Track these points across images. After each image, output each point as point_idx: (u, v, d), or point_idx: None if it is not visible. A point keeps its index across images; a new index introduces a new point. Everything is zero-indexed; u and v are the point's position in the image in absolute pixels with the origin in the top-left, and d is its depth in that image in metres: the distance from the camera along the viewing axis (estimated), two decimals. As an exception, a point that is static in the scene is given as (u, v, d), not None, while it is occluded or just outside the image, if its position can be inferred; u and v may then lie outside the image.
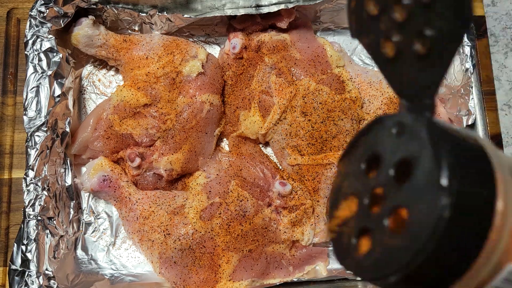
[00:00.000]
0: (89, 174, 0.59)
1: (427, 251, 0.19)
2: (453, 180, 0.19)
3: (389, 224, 0.21)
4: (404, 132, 0.22)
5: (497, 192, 0.20)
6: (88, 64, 0.66)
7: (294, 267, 0.60)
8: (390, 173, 0.22)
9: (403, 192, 0.21)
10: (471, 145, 0.21)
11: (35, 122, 0.57)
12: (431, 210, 0.19)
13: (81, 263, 0.61)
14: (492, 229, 0.20)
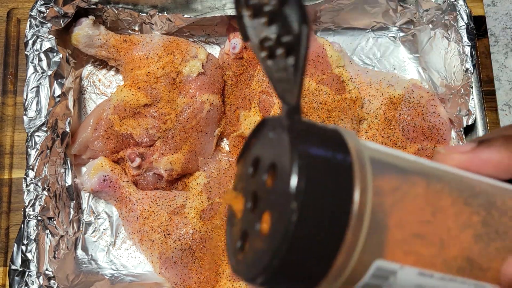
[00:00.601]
0: (89, 174, 0.59)
1: (282, 253, 0.19)
2: (301, 184, 0.19)
3: (260, 228, 0.21)
4: (276, 135, 0.22)
5: (354, 189, 0.20)
6: (88, 64, 0.66)
7: None
8: (263, 177, 0.22)
9: (270, 197, 0.21)
10: (331, 143, 0.21)
11: (35, 122, 0.57)
12: (283, 214, 0.20)
13: (81, 263, 0.61)
14: (349, 227, 0.20)
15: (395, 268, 0.21)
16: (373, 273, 0.21)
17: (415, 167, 0.23)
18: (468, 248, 0.22)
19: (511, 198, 0.24)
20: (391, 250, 0.21)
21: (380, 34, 0.69)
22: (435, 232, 0.22)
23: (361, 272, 0.21)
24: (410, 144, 0.60)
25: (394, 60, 0.68)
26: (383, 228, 0.21)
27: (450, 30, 0.62)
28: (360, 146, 0.22)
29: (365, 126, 0.62)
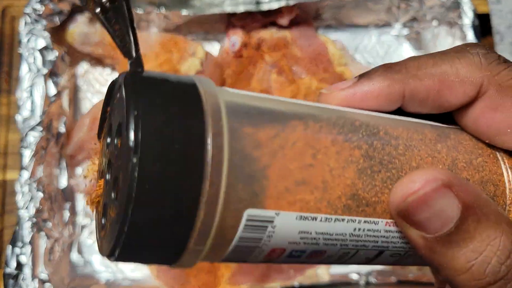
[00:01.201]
0: (85, 175, 0.58)
1: (128, 217, 0.17)
2: (139, 136, 0.17)
3: (114, 196, 0.19)
4: (120, 95, 0.20)
5: (206, 140, 0.18)
6: (84, 63, 0.65)
7: (295, 271, 0.59)
8: (114, 142, 0.20)
9: (118, 161, 0.19)
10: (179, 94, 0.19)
11: (30, 122, 0.56)
12: (127, 172, 0.18)
13: (77, 266, 0.60)
14: (205, 181, 0.18)
15: (270, 215, 0.19)
16: (245, 225, 0.19)
17: (290, 110, 0.21)
18: (352, 185, 0.21)
19: (395, 127, 0.23)
20: (271, 199, 0.19)
21: (383, 32, 0.68)
22: (318, 175, 0.20)
23: (232, 227, 0.19)
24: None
25: (398, 58, 0.67)
26: (258, 179, 0.19)
27: (454, 28, 0.62)
28: (216, 92, 0.20)
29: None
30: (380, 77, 0.24)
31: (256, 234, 0.20)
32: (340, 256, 0.22)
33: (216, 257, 0.21)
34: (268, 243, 0.20)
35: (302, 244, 0.21)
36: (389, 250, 0.23)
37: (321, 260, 0.23)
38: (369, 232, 0.22)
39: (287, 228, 0.20)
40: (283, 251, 0.21)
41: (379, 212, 0.21)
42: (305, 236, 0.20)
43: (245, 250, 0.20)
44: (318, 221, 0.20)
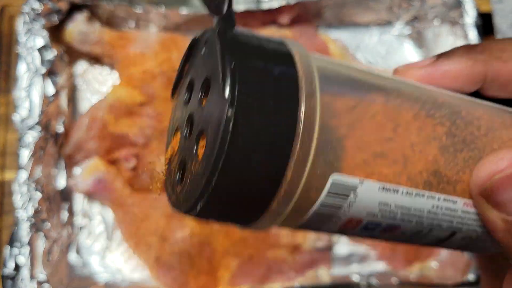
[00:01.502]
0: (84, 176, 0.58)
1: (219, 171, 0.17)
2: (238, 90, 0.17)
3: (197, 152, 0.19)
4: (208, 49, 0.20)
5: (300, 100, 0.18)
6: (83, 62, 0.65)
7: (295, 272, 0.59)
8: (198, 95, 0.20)
9: (204, 115, 0.19)
10: (273, 52, 0.19)
11: (28, 121, 0.56)
12: (219, 126, 0.17)
13: (75, 267, 0.60)
14: (296, 140, 0.18)
15: (354, 183, 0.20)
16: (329, 190, 0.19)
17: (373, 82, 0.21)
18: (434, 162, 0.21)
19: (476, 108, 0.23)
20: (350, 168, 0.19)
21: (384, 31, 0.68)
22: (398, 149, 0.20)
23: (316, 191, 0.19)
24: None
25: (399, 57, 0.68)
26: (339, 148, 0.19)
27: (456, 27, 0.62)
28: (309, 57, 0.20)
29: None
30: (461, 57, 0.24)
31: (338, 201, 0.20)
32: (412, 234, 0.22)
33: (293, 222, 0.21)
34: (347, 212, 0.20)
35: (379, 216, 0.21)
36: (461, 233, 0.22)
37: (393, 236, 0.22)
38: (446, 211, 0.21)
39: (368, 198, 0.20)
40: (359, 222, 0.21)
41: (459, 192, 0.21)
42: (384, 209, 0.20)
43: (323, 218, 0.20)
44: (399, 194, 0.20)
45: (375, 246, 0.60)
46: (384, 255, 0.60)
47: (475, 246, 0.24)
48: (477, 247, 0.24)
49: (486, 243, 0.23)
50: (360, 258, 0.61)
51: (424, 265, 0.61)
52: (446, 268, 0.60)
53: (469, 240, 0.23)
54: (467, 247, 0.24)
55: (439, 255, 0.61)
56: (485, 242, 0.23)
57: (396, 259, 0.60)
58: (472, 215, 0.22)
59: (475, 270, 0.57)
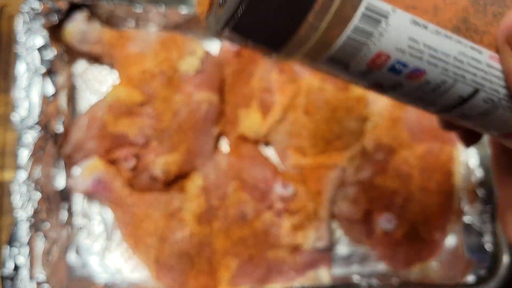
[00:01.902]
0: (83, 176, 0.58)
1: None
2: None
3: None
4: None
5: None
6: (82, 61, 0.65)
7: (295, 272, 0.59)
8: None
9: None
10: None
11: (27, 121, 0.56)
12: None
13: (74, 267, 0.59)
14: None
15: (387, 9, 0.20)
16: (363, 13, 0.20)
17: None
18: (464, 10, 0.22)
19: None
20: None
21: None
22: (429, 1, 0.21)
23: (349, 11, 0.20)
24: (416, 144, 0.60)
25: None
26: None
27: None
28: None
29: (370, 126, 0.62)
30: None
31: (369, 27, 0.21)
32: (436, 85, 0.22)
33: (322, 51, 0.21)
34: (377, 43, 0.21)
35: (407, 55, 0.21)
36: (484, 91, 0.23)
37: (417, 87, 0.23)
38: (472, 61, 0.22)
39: (399, 30, 0.21)
40: (387, 59, 0.21)
41: (486, 43, 0.22)
42: (413, 46, 0.21)
43: (353, 49, 0.21)
44: (428, 31, 0.21)
45: (375, 247, 0.61)
46: (384, 255, 0.60)
47: (494, 118, 0.24)
48: (496, 121, 0.24)
49: (506, 113, 0.24)
50: (361, 258, 0.62)
51: (424, 266, 0.61)
52: (446, 269, 0.60)
53: (492, 104, 0.23)
54: (489, 115, 0.24)
55: (440, 256, 0.61)
56: (506, 111, 0.24)
57: (397, 259, 0.60)
58: (496, 72, 0.23)
59: (475, 271, 0.58)
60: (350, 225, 0.61)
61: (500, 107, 0.24)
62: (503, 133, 0.26)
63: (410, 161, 0.59)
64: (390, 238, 0.59)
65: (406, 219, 0.59)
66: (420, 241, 0.60)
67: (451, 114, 0.25)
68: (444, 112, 0.25)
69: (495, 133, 0.26)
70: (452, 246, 0.61)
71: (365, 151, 0.60)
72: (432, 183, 0.59)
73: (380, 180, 0.59)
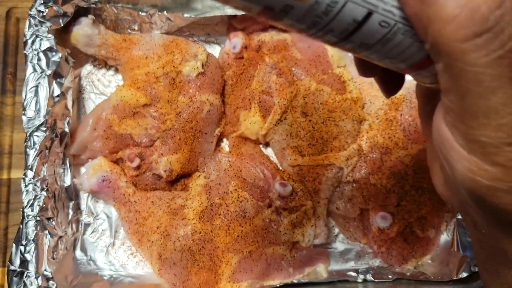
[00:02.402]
0: (88, 175, 0.59)
1: None
2: None
3: None
4: None
5: None
6: (88, 64, 0.66)
7: (294, 269, 0.59)
8: None
9: None
10: None
11: (34, 122, 0.56)
12: None
13: (80, 264, 0.60)
14: None
15: None
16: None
17: None
18: None
19: None
20: None
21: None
22: None
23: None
24: (411, 145, 0.60)
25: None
26: None
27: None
28: None
29: (366, 127, 0.61)
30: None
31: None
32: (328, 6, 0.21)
33: None
34: None
35: None
36: (378, 14, 0.21)
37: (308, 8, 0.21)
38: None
39: None
40: None
41: None
42: None
43: None
44: None
45: (371, 244, 0.61)
46: (380, 252, 0.60)
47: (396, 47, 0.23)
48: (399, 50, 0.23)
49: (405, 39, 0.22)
50: (357, 255, 0.62)
51: (419, 262, 0.61)
52: (440, 265, 0.60)
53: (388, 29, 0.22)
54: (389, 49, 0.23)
55: (434, 253, 0.61)
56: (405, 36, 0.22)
57: (392, 256, 0.60)
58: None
59: (468, 267, 0.58)
60: (347, 223, 0.62)
61: (398, 31, 0.22)
62: (409, 64, 0.24)
63: (405, 161, 0.59)
64: (385, 235, 0.59)
65: (401, 217, 0.59)
66: (415, 239, 0.60)
67: (352, 44, 0.23)
68: (344, 42, 0.23)
69: (403, 66, 0.24)
70: (446, 243, 0.62)
71: (361, 151, 0.60)
72: (426, 182, 0.59)
73: (376, 179, 0.59)
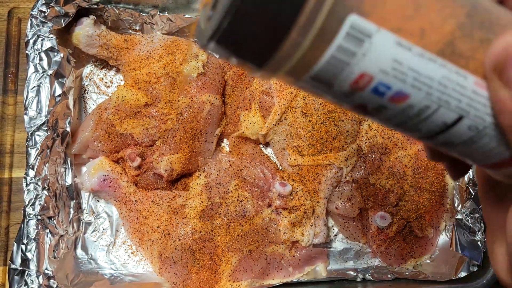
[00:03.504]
0: (89, 174, 0.59)
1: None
2: None
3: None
4: None
5: None
6: (89, 64, 0.66)
7: (294, 268, 0.59)
8: None
9: None
10: None
11: (36, 121, 0.57)
12: None
13: (81, 262, 0.60)
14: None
15: (371, 29, 0.20)
16: (347, 32, 0.20)
17: None
18: (450, 34, 0.21)
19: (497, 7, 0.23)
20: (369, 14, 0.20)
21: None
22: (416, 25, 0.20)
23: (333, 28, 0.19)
24: (410, 145, 0.60)
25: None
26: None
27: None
28: None
29: (366, 127, 0.62)
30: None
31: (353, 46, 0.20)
32: (420, 110, 0.22)
33: (305, 67, 0.20)
34: (360, 63, 0.20)
35: (391, 76, 0.21)
36: (469, 119, 0.22)
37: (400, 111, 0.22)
38: (457, 86, 0.21)
39: (383, 51, 0.20)
40: (370, 79, 0.21)
41: (471, 69, 0.21)
42: (396, 67, 0.20)
43: (336, 67, 0.20)
44: (412, 54, 0.20)
45: (370, 243, 0.61)
46: (379, 252, 0.60)
47: (479, 147, 0.23)
48: (482, 150, 0.23)
49: (491, 142, 0.23)
50: (356, 254, 0.62)
51: (417, 262, 0.61)
52: (439, 265, 0.60)
53: (476, 132, 0.22)
54: (472, 148, 0.23)
55: (433, 253, 0.62)
56: (491, 140, 0.23)
57: (391, 256, 0.60)
58: (482, 99, 0.22)
59: (467, 267, 0.58)
60: (346, 222, 0.62)
61: (486, 135, 0.22)
62: (489, 162, 0.24)
63: (404, 161, 0.60)
64: (384, 235, 0.59)
65: (400, 217, 0.59)
66: (414, 238, 0.60)
67: (435, 141, 0.24)
68: (428, 139, 0.24)
69: (481, 163, 0.24)
70: (444, 243, 0.62)
71: (360, 151, 0.61)
72: (425, 182, 0.59)
73: (375, 179, 0.59)
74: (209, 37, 0.20)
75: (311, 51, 0.20)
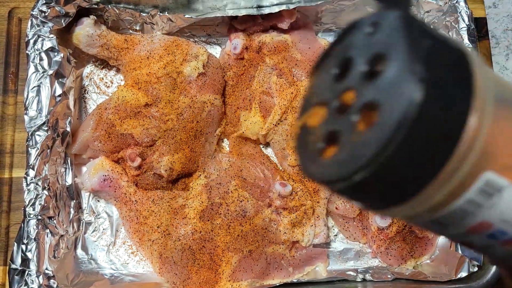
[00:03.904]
0: (90, 174, 0.59)
1: (396, 140, 0.18)
2: (427, 69, 0.18)
3: (359, 121, 0.20)
4: (378, 29, 0.21)
5: (472, 106, 0.19)
6: (89, 64, 0.66)
7: (294, 268, 0.60)
8: (361, 69, 0.20)
9: (374, 88, 0.20)
10: (451, 47, 0.20)
11: (36, 121, 0.57)
12: (402, 97, 0.18)
13: (81, 262, 0.61)
14: (461, 141, 0.19)
15: (503, 184, 0.20)
16: (479, 187, 0.20)
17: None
18: None
19: None
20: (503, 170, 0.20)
21: (381, 35, 0.69)
22: None
23: (468, 183, 0.20)
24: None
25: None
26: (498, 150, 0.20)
27: (451, 32, 0.62)
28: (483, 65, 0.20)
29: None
30: None
31: (482, 199, 0.20)
32: None
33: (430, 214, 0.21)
34: (484, 213, 0.21)
35: (509, 225, 0.21)
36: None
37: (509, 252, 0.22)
38: None
39: (509, 203, 0.20)
40: (489, 226, 0.21)
41: None
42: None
43: (459, 216, 0.21)
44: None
45: (370, 244, 0.62)
46: (379, 252, 0.60)
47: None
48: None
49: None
50: (356, 254, 0.62)
51: (417, 262, 0.61)
52: (439, 265, 0.60)
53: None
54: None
55: (433, 253, 0.62)
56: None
57: (391, 256, 0.60)
58: None
59: (467, 267, 0.58)
60: (346, 222, 0.62)
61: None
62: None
63: None
64: (384, 235, 0.59)
65: None
66: (414, 238, 0.60)
67: None
68: None
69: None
70: (444, 243, 0.62)
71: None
72: None
73: None
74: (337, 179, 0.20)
75: (438, 204, 0.20)
